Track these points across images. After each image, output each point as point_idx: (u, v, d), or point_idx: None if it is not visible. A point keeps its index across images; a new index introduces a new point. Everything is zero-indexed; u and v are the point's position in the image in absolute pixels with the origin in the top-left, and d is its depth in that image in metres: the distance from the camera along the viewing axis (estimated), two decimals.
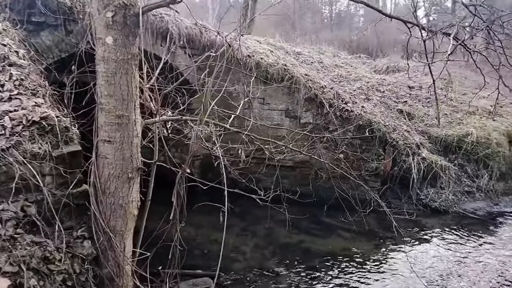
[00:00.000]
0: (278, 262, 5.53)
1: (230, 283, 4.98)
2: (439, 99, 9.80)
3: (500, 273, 5.08)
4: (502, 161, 7.90)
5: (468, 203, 7.40)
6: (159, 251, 3.53)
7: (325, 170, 7.62)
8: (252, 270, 5.32)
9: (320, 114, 7.48)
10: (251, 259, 5.62)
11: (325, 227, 6.71)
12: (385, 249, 5.88)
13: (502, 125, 8.63)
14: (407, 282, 4.97)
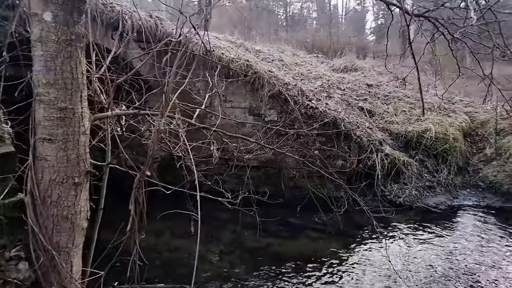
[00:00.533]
0: (246, 269, 5.18)
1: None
2: (397, 97, 10.00)
3: (462, 263, 5.13)
4: (459, 155, 8.15)
5: (430, 197, 7.51)
6: (116, 267, 3.05)
7: (292, 169, 7.42)
8: (220, 279, 4.93)
9: (285, 112, 7.24)
10: (218, 268, 5.23)
11: (293, 228, 6.47)
12: (354, 247, 5.74)
13: (456, 120, 8.93)
14: (380, 279, 4.83)
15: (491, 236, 5.99)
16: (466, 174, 8.17)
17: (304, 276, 4.96)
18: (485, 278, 4.80)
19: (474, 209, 7.21)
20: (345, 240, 6.07)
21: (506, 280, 4.78)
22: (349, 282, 4.80)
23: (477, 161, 8.44)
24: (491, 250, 5.55)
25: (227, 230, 6.40)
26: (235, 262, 5.40)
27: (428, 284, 4.68)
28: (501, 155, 8.13)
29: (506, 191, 7.40)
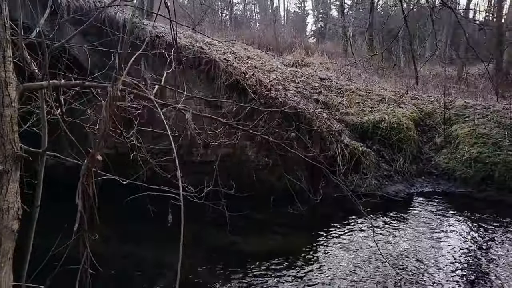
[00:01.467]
0: (210, 271, 4.67)
1: None
2: (349, 89, 10.06)
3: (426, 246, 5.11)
4: (413, 144, 8.32)
5: (389, 186, 7.55)
6: (61, 278, 2.41)
7: (251, 163, 7.03)
8: (182, 284, 4.35)
9: (243, 102, 6.82)
10: (188, 270, 4.65)
11: (256, 224, 6.07)
12: (321, 240, 5.47)
13: (407, 111, 9.16)
14: (349, 269, 4.60)
15: (447, 221, 6.08)
16: (420, 163, 8.37)
17: (273, 274, 4.58)
18: (444, 258, 4.79)
19: (431, 196, 7.36)
20: (310, 233, 5.79)
21: (459, 256, 4.80)
22: (317, 269, 4.51)
23: (429, 149, 8.71)
24: (446, 234, 5.62)
25: (187, 229, 5.80)
26: (198, 264, 4.85)
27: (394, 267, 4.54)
28: (450, 143, 8.44)
29: (458, 176, 7.65)
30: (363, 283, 4.37)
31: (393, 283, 4.32)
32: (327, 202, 6.99)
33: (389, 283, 4.32)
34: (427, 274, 4.48)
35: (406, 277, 4.33)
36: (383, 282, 4.35)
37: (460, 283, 4.34)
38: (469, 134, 8.14)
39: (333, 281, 4.45)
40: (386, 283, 4.32)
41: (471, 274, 4.54)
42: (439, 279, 4.39)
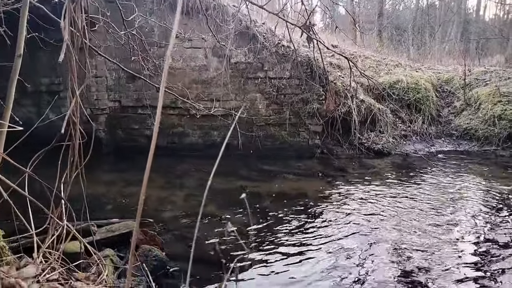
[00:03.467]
0: (219, 207, 4.30)
1: (161, 230, 3.61)
2: (363, 55, 9.65)
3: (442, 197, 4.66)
4: (432, 105, 7.89)
5: (407, 145, 7.13)
6: None
7: (261, 117, 6.65)
8: (188, 217, 4.02)
9: (254, 52, 6.45)
10: (183, 208, 4.31)
11: (267, 173, 5.68)
12: (335, 187, 5.04)
13: (424, 74, 8.73)
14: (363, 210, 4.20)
15: (467, 176, 5.61)
16: (439, 125, 7.92)
17: (287, 209, 4.19)
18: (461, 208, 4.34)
19: (452, 154, 6.91)
20: (325, 179, 5.39)
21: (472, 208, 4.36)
22: (331, 213, 4.10)
23: (448, 113, 8.25)
24: (468, 187, 5.18)
25: (192, 177, 5.46)
26: (204, 202, 4.47)
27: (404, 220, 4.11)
28: (471, 105, 7.98)
29: (481, 135, 7.20)
30: (366, 221, 3.96)
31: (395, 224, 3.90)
32: (342, 158, 6.58)
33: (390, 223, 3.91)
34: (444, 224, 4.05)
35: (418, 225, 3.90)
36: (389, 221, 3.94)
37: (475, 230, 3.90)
38: (492, 94, 7.68)
39: (341, 215, 4.06)
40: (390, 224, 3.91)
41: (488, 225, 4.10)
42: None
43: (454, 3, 26.03)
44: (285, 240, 3.45)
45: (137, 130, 6.62)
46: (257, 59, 6.45)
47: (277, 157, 6.50)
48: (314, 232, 3.61)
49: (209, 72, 6.53)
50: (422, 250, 3.22)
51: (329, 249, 3.26)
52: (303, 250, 3.26)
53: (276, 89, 6.53)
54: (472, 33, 23.20)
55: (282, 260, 3.09)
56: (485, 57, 16.04)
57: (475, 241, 3.43)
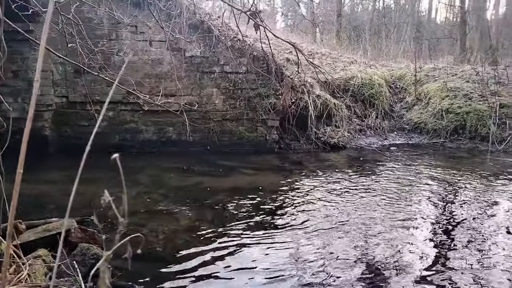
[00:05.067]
0: (173, 202, 4.16)
1: (106, 228, 3.41)
2: (320, 52, 9.81)
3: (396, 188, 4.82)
4: (385, 100, 8.15)
5: (362, 139, 7.31)
6: None
7: (219, 113, 6.54)
8: (137, 214, 3.83)
9: (209, 46, 6.32)
10: (134, 205, 4.10)
11: (224, 168, 5.58)
12: (291, 179, 5.03)
13: (378, 71, 9.00)
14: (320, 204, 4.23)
15: (418, 166, 5.84)
16: (392, 119, 8.20)
17: (243, 203, 4.11)
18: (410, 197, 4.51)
19: (404, 147, 7.17)
20: (282, 174, 5.38)
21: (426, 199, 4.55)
22: (286, 207, 4.09)
23: (400, 108, 8.57)
24: (419, 176, 5.39)
25: (145, 175, 5.25)
26: (158, 198, 4.32)
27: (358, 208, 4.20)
28: (421, 100, 8.34)
29: (430, 128, 7.53)
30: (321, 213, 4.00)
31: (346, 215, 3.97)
32: (300, 152, 6.62)
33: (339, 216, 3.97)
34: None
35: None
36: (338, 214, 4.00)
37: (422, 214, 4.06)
38: (440, 89, 8.06)
39: (297, 208, 4.07)
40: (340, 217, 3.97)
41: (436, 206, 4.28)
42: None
43: (408, 5, 27.26)
44: (239, 234, 3.37)
45: (87, 127, 6.29)
46: (213, 53, 6.34)
47: (235, 153, 6.43)
48: (269, 226, 3.56)
49: (163, 66, 6.33)
50: (379, 239, 3.26)
51: (282, 242, 3.22)
52: (256, 243, 3.20)
53: (233, 84, 6.45)
54: (424, 34, 24.42)
55: (235, 254, 3.00)
56: (437, 57, 16.94)
57: (430, 228, 3.53)
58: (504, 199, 4.28)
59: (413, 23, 25.14)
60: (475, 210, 3.94)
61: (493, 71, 8.18)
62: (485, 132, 6.96)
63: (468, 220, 3.68)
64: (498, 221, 3.68)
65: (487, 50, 13.05)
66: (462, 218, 3.75)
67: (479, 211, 3.91)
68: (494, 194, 4.46)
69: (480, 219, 3.72)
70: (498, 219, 3.76)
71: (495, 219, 3.74)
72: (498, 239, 3.25)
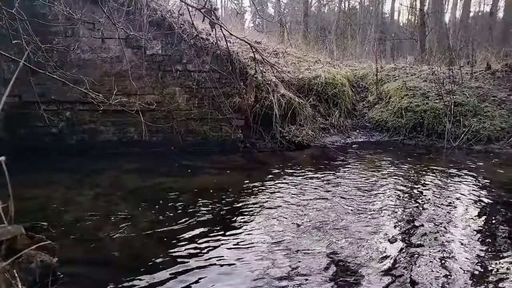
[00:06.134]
0: (132, 205, 4.04)
1: (59, 233, 3.27)
2: (285, 52, 9.87)
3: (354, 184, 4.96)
4: (348, 99, 8.33)
5: (326, 137, 7.43)
6: None
7: (182, 112, 6.44)
8: (94, 218, 3.69)
9: (171, 44, 6.20)
10: (90, 208, 3.95)
11: (188, 169, 5.49)
12: (256, 179, 5.02)
13: (341, 71, 9.19)
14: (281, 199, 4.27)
15: (379, 163, 6.02)
16: (355, 118, 8.39)
17: (204, 203, 4.06)
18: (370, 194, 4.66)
19: (365, 145, 7.36)
20: (247, 173, 5.37)
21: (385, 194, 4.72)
22: (252, 206, 4.09)
23: (362, 107, 8.79)
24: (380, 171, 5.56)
25: (104, 176, 5.08)
26: (116, 201, 4.19)
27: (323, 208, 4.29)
28: (382, 99, 8.59)
29: (391, 126, 7.77)
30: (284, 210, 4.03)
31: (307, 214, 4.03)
32: (265, 151, 6.64)
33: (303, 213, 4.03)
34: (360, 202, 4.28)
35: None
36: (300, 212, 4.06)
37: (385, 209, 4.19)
38: (400, 88, 8.34)
39: (261, 207, 4.07)
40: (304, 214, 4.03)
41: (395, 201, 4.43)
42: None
43: (372, 7, 28.08)
44: (201, 236, 3.31)
45: (42, 128, 6.00)
46: (175, 51, 6.22)
47: (199, 152, 6.35)
48: (233, 226, 3.53)
49: (122, 64, 6.13)
50: (344, 234, 3.32)
51: (247, 242, 3.20)
52: (220, 245, 3.16)
53: (196, 82, 6.37)
54: (387, 35, 25.25)
55: (197, 256, 2.95)
56: (399, 58, 17.55)
57: (392, 222, 3.63)
58: (459, 193, 4.48)
59: (377, 24, 25.95)
60: (434, 203, 4.11)
61: (448, 71, 8.55)
62: (441, 130, 7.27)
63: (428, 213, 3.84)
64: (457, 214, 3.87)
65: (445, 51, 13.62)
66: (422, 212, 3.90)
67: (438, 205, 4.08)
68: (450, 188, 4.66)
69: (439, 212, 3.88)
70: (457, 212, 3.95)
71: (454, 212, 3.92)
72: (457, 232, 3.41)
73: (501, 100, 7.81)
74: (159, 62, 6.23)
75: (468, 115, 7.38)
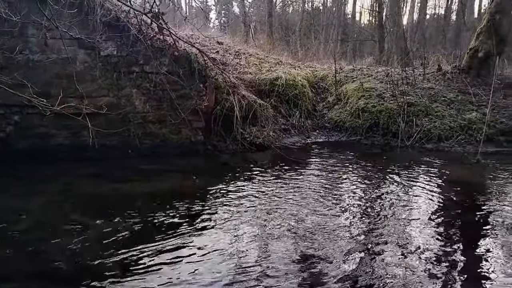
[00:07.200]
0: (84, 213, 3.91)
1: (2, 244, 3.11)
2: (248, 53, 9.91)
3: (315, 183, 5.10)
4: (308, 100, 8.48)
5: (286, 138, 7.53)
6: None
7: (139, 114, 6.30)
8: (41, 227, 3.54)
9: (126, 44, 6.04)
10: (40, 217, 3.79)
11: (145, 173, 5.38)
12: (216, 181, 5.01)
13: (302, 72, 9.34)
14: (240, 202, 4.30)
15: (336, 161, 6.20)
16: (315, 118, 8.57)
17: (162, 209, 4.00)
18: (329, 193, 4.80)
19: (326, 144, 7.53)
20: (207, 176, 5.34)
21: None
22: (212, 209, 4.08)
23: (322, 107, 8.99)
24: (339, 171, 5.73)
25: (56, 182, 4.87)
26: (67, 209, 4.03)
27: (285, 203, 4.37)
28: (341, 100, 8.82)
29: (349, 127, 8.00)
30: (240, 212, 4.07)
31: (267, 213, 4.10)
32: (226, 153, 6.63)
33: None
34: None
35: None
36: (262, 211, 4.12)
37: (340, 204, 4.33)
38: (357, 89, 8.60)
39: (222, 210, 4.08)
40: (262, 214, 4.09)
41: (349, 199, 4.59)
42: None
43: (335, 8, 28.72)
44: (158, 244, 3.25)
45: None
46: (131, 52, 6.06)
47: (158, 156, 6.24)
48: (193, 232, 3.49)
49: (75, 66, 5.91)
50: (306, 232, 3.39)
51: (206, 247, 3.18)
52: (179, 251, 3.12)
53: (154, 84, 6.24)
54: (349, 36, 25.97)
55: (154, 267, 2.89)
56: (361, 58, 18.10)
57: (352, 218, 3.78)
58: (413, 191, 4.71)
59: (339, 25, 26.57)
60: (391, 201, 4.30)
61: (403, 72, 8.93)
62: (395, 129, 7.58)
63: (385, 207, 4.06)
64: (412, 207, 4.11)
65: (402, 52, 14.21)
66: (379, 206, 4.09)
67: (394, 199, 4.30)
68: (405, 186, 4.88)
69: (395, 206, 4.11)
70: (411, 205, 4.19)
71: (409, 205, 4.17)
72: (414, 224, 3.65)
73: (451, 100, 8.26)
74: (115, 64, 6.05)
75: (420, 115, 7.74)
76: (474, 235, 3.51)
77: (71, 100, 5.77)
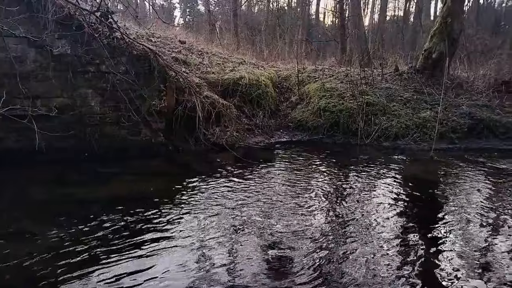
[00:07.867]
0: (35, 221, 3.71)
1: None
2: (211, 52, 9.83)
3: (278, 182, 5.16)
4: (271, 100, 8.54)
5: (250, 138, 7.54)
6: None
7: (96, 116, 6.07)
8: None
9: (81, 43, 5.79)
10: None
11: (103, 176, 5.20)
12: (178, 184, 4.93)
13: (265, 72, 9.39)
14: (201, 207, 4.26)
15: (300, 159, 6.30)
16: (278, 118, 8.65)
17: (120, 214, 3.87)
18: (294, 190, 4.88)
19: (287, 144, 7.62)
20: (168, 178, 5.25)
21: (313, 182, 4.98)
22: (173, 213, 4.01)
23: (285, 107, 9.08)
24: (303, 169, 5.82)
25: (4, 189, 4.59)
26: (18, 217, 3.81)
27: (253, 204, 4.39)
28: (303, 100, 8.95)
29: (311, 126, 8.14)
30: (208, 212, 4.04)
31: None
32: (189, 154, 6.53)
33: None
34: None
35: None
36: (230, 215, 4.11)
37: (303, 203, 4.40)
38: (319, 89, 8.76)
39: (183, 213, 4.02)
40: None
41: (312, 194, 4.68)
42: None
43: (299, 8, 29.13)
44: (115, 252, 3.13)
45: None
46: (86, 52, 5.82)
47: (116, 158, 6.03)
48: (153, 238, 3.39)
49: (26, 65, 5.60)
50: (274, 233, 3.40)
51: (162, 254, 3.10)
52: (139, 255, 3.03)
53: (111, 84, 6.03)
54: (313, 37, 26.45)
55: (111, 279, 2.79)
56: (325, 58, 18.47)
57: (320, 213, 3.83)
58: (373, 187, 4.87)
59: (303, 26, 26.98)
60: (351, 194, 4.43)
61: (362, 73, 9.19)
62: (355, 128, 7.80)
63: (348, 203, 4.18)
64: (373, 203, 4.26)
65: (363, 53, 14.64)
66: (342, 203, 4.18)
67: (357, 195, 4.42)
68: (364, 182, 5.04)
69: (358, 201, 4.25)
70: (373, 201, 4.36)
71: (371, 201, 4.34)
72: (378, 217, 3.80)
73: (407, 100, 8.61)
74: (69, 63, 5.79)
75: (378, 114, 8.01)
76: (430, 225, 3.70)
77: (20, 101, 5.48)
